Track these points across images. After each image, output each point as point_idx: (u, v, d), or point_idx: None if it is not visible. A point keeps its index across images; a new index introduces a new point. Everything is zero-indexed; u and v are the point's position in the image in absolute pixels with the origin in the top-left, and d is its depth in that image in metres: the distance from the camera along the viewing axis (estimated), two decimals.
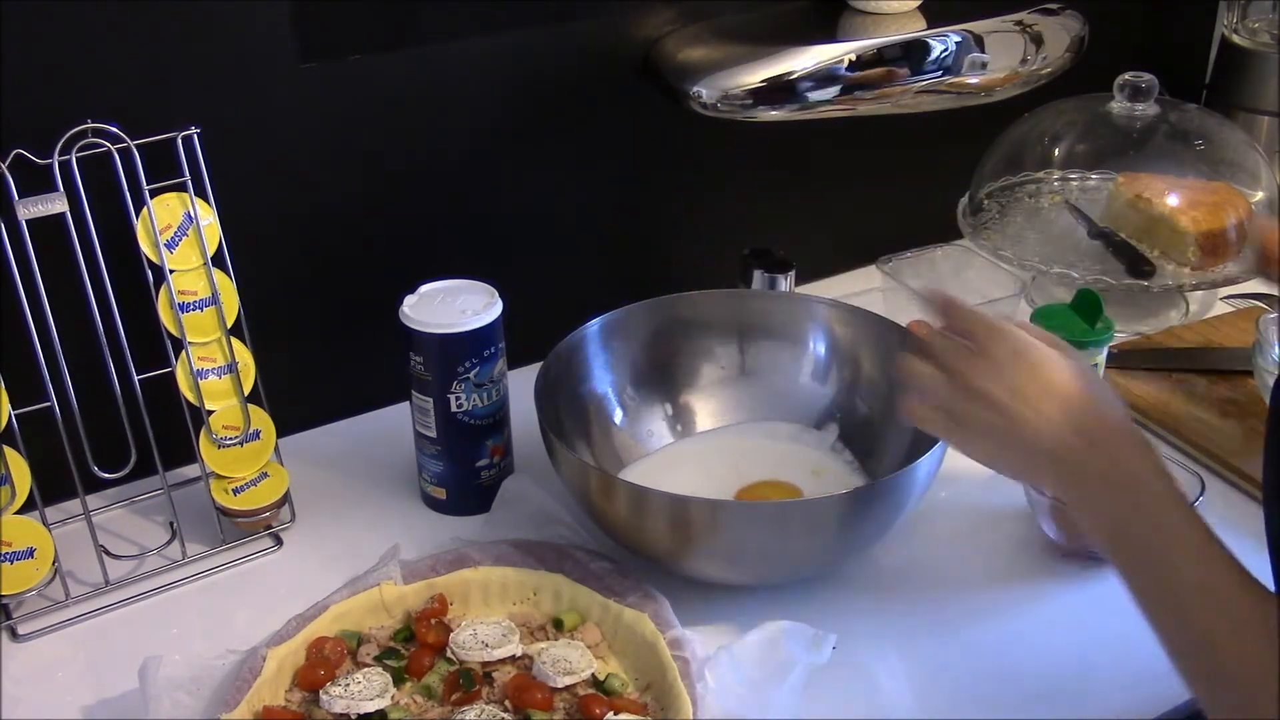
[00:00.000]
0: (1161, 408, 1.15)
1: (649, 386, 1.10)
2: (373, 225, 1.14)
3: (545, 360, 1.01)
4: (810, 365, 1.11)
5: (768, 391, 1.11)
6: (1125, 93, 1.33)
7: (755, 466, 1.05)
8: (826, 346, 1.11)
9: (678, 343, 1.11)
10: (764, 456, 1.07)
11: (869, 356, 1.08)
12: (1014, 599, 0.95)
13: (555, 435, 0.94)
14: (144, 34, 0.97)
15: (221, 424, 1.00)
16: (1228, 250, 1.26)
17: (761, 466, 1.05)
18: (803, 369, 1.11)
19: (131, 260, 0.94)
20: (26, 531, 0.93)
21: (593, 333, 1.07)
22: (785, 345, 1.11)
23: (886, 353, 1.04)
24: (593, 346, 1.07)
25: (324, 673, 0.84)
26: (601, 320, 1.07)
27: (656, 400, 1.10)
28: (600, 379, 1.08)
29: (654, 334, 1.10)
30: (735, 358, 1.12)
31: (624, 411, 1.09)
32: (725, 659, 0.83)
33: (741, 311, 1.12)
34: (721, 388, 1.12)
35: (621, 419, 1.08)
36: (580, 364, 1.07)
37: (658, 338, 1.10)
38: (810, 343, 1.11)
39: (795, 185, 1.36)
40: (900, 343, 1.02)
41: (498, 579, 0.92)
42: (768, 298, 1.16)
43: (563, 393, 1.03)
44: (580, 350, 1.06)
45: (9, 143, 0.88)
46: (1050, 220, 1.35)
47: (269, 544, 1.03)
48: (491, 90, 1.15)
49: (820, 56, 1.15)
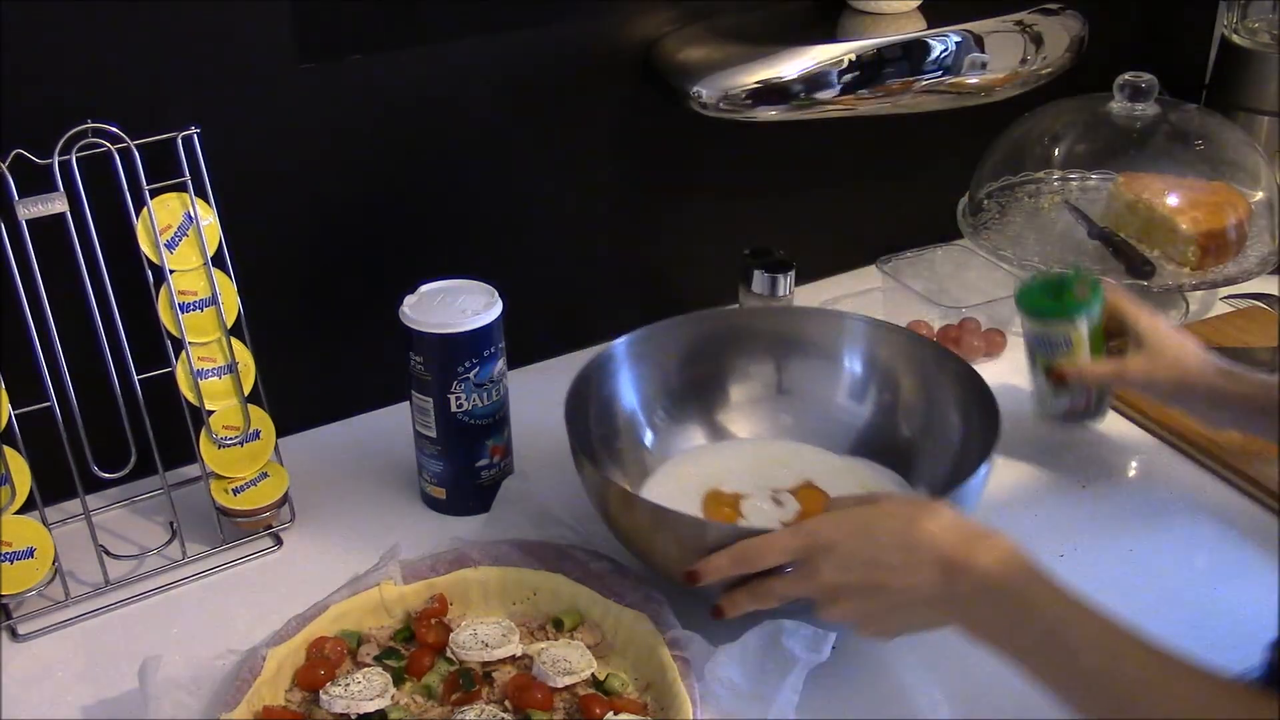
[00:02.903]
0: (1162, 408, 1.15)
1: (681, 403, 1.08)
2: (373, 225, 1.14)
3: (576, 377, 0.99)
4: (848, 385, 1.08)
5: (806, 410, 1.08)
6: (1125, 93, 1.33)
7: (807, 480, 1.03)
8: (865, 365, 1.08)
9: (711, 360, 1.09)
10: (808, 471, 1.04)
11: (908, 375, 1.06)
12: None
13: (585, 455, 0.92)
14: (144, 34, 0.97)
15: (221, 424, 1.00)
16: (1228, 250, 1.26)
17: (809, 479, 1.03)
18: (841, 388, 1.08)
19: (131, 260, 0.94)
20: (26, 531, 0.93)
21: (620, 350, 1.05)
22: (823, 364, 1.09)
23: (926, 373, 1.04)
24: (623, 363, 1.05)
25: (324, 673, 0.84)
26: (630, 337, 1.05)
27: (689, 417, 1.08)
28: (629, 396, 1.06)
29: (689, 350, 1.08)
30: (772, 376, 1.09)
31: (654, 432, 1.07)
32: (725, 659, 0.83)
33: (780, 326, 1.10)
34: (757, 405, 1.09)
35: (652, 439, 1.06)
36: (609, 380, 1.04)
37: (692, 354, 1.08)
38: (847, 361, 1.08)
39: (795, 185, 1.36)
40: (938, 363, 1.03)
41: (497, 579, 0.92)
42: (806, 315, 1.14)
43: (592, 408, 1.01)
44: (610, 366, 1.04)
45: (9, 143, 0.88)
46: (1050, 220, 1.35)
47: (269, 544, 1.03)
48: (491, 90, 1.15)
49: (820, 56, 1.15)
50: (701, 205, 1.31)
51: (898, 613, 0.78)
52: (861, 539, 0.78)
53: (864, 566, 0.77)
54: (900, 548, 0.76)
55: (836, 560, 0.78)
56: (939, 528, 0.76)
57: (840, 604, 0.79)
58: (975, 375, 0.99)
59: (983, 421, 0.95)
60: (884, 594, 0.77)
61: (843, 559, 0.78)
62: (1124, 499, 1.07)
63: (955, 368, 1.02)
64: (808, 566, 0.79)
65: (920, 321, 1.26)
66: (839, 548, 0.78)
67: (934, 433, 1.03)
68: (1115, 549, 1.01)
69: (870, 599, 0.78)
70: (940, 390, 1.03)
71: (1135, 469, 1.12)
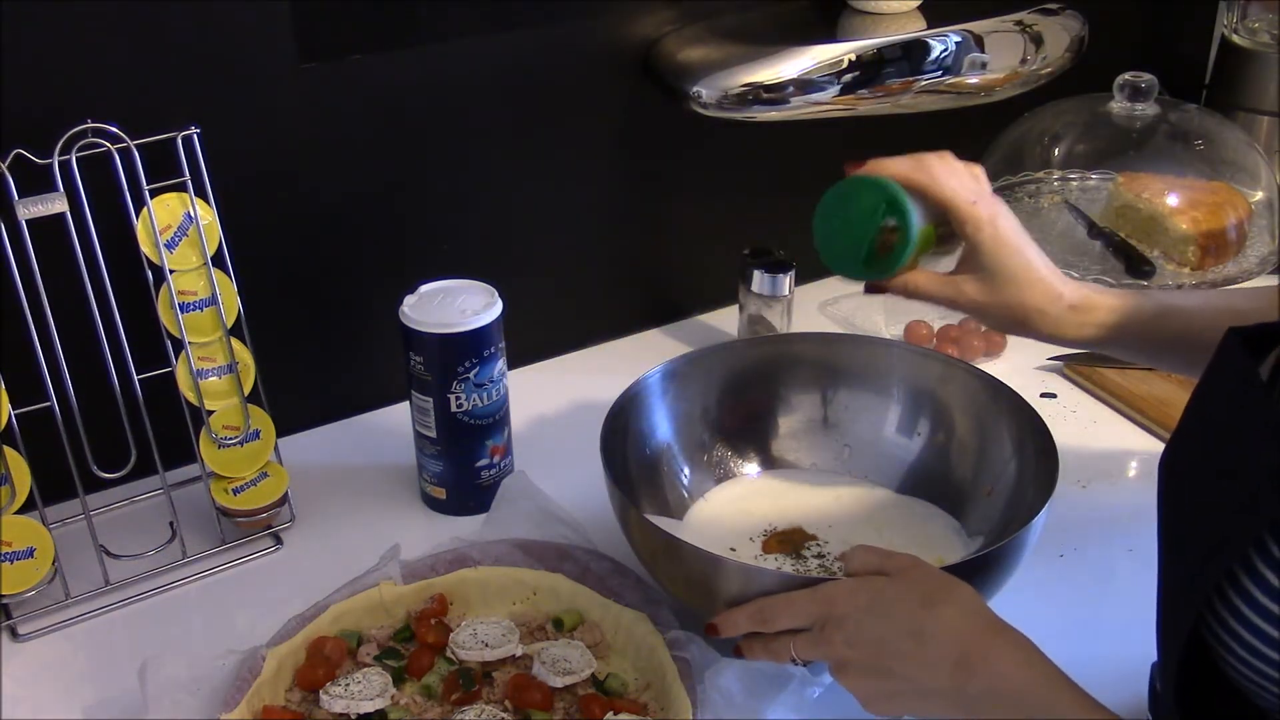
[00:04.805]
0: (1162, 408, 1.15)
1: (721, 436, 1.04)
2: (373, 225, 1.14)
3: (613, 405, 0.95)
4: (897, 418, 1.03)
5: (853, 444, 1.04)
6: (1125, 93, 1.33)
7: (845, 520, 0.99)
8: (916, 398, 1.02)
9: (754, 389, 1.05)
10: (854, 509, 1.01)
11: (961, 409, 1.00)
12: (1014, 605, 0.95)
13: (622, 489, 0.88)
14: (144, 34, 0.97)
15: (221, 424, 1.00)
16: (1227, 250, 1.26)
17: (851, 519, 0.99)
18: (889, 421, 1.03)
19: (131, 260, 0.94)
20: (26, 531, 0.93)
21: (654, 381, 1.00)
22: (872, 396, 1.03)
23: (980, 406, 0.98)
24: (656, 394, 1.00)
25: (324, 673, 0.84)
26: (665, 366, 1.00)
27: (730, 449, 1.04)
28: (663, 427, 1.01)
29: (728, 380, 1.04)
30: (818, 409, 1.05)
31: (690, 465, 1.02)
32: (725, 668, 0.83)
33: (829, 357, 1.05)
34: (801, 438, 1.05)
35: (690, 473, 1.02)
36: (646, 411, 1.00)
37: (732, 383, 1.04)
38: (896, 392, 1.03)
39: (795, 185, 1.35)
40: (991, 399, 0.96)
41: (497, 579, 0.92)
42: (856, 343, 1.08)
43: (629, 440, 0.97)
44: (646, 396, 0.99)
45: (9, 143, 0.88)
46: (1050, 220, 1.35)
47: (269, 544, 1.03)
48: (491, 90, 1.15)
49: (820, 56, 1.15)
50: (701, 205, 1.31)
51: (903, 698, 0.75)
52: (874, 616, 0.74)
53: (872, 646, 0.74)
54: (911, 634, 0.73)
55: (846, 634, 0.75)
56: (954, 616, 0.73)
57: (850, 676, 0.76)
58: (1032, 411, 0.93)
59: (1038, 464, 0.90)
60: (891, 678, 0.74)
61: (852, 634, 0.75)
62: (1124, 499, 1.07)
63: (1010, 402, 0.96)
64: (821, 634, 0.76)
65: (920, 321, 1.26)
66: (849, 621, 0.75)
67: (987, 473, 0.97)
68: (1115, 549, 1.01)
69: (878, 679, 0.75)
70: (995, 428, 0.97)
71: (1135, 469, 1.12)
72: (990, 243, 0.86)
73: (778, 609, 0.78)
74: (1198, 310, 0.89)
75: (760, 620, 0.79)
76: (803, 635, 0.78)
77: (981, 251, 0.87)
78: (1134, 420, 1.16)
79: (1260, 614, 0.59)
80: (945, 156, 0.89)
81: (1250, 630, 0.59)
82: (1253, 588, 0.59)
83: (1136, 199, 1.29)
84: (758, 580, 0.81)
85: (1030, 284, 0.87)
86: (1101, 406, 1.19)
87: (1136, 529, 1.02)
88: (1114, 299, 0.89)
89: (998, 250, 0.86)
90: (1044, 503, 0.85)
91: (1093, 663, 0.83)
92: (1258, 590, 0.58)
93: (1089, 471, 1.10)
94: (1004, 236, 0.86)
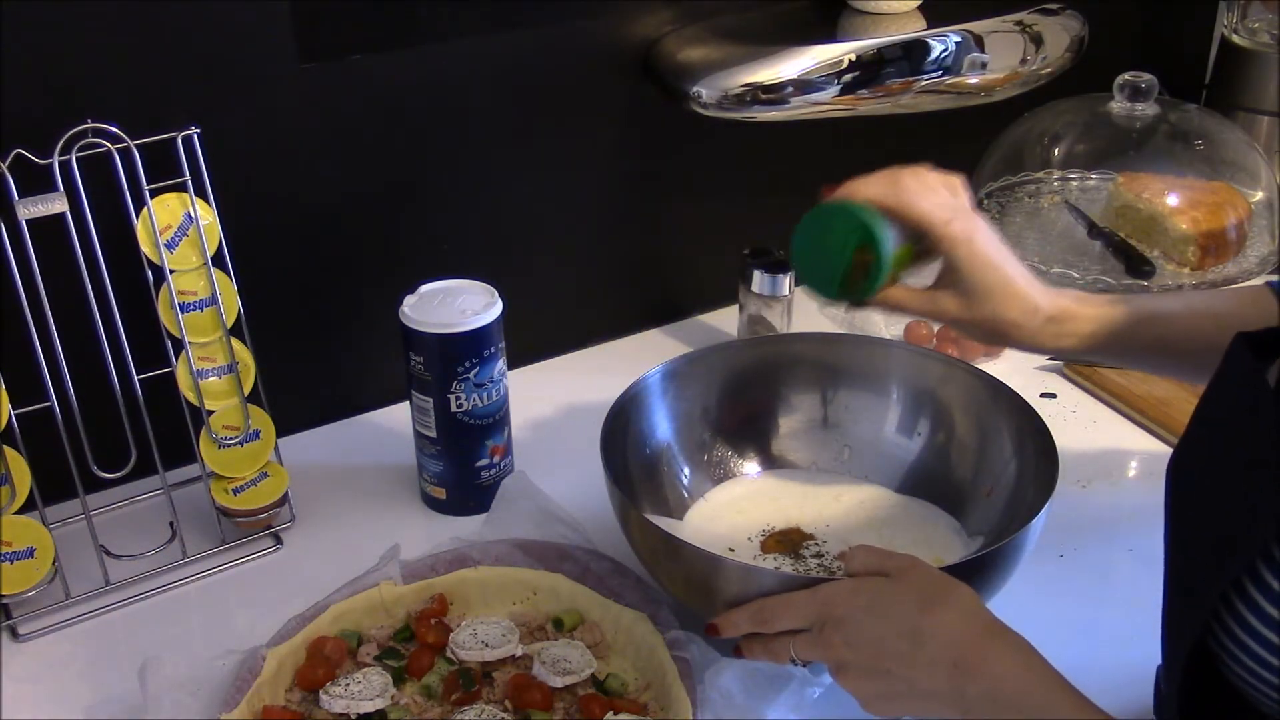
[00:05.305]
0: (1162, 408, 1.15)
1: (721, 435, 1.03)
2: (373, 225, 1.14)
3: (613, 405, 0.95)
4: (897, 418, 1.03)
5: (853, 444, 1.04)
6: (1125, 93, 1.33)
7: (843, 520, 0.99)
8: (916, 398, 1.02)
9: (754, 389, 1.04)
10: (854, 508, 1.00)
11: (962, 409, 1.00)
12: (1013, 606, 0.95)
13: (621, 489, 0.88)
14: (144, 34, 0.97)
15: (221, 424, 1.00)
16: (1227, 250, 1.26)
17: (853, 519, 0.99)
18: (889, 421, 1.03)
19: (131, 260, 0.94)
20: (26, 531, 0.93)
21: (654, 381, 0.99)
22: (872, 396, 1.03)
23: (980, 406, 0.98)
24: (656, 394, 1.00)
25: (324, 673, 0.84)
26: (665, 366, 1.00)
27: (731, 449, 1.04)
28: (663, 427, 1.01)
29: (728, 379, 1.03)
30: (818, 409, 1.04)
31: (690, 465, 1.02)
32: (725, 668, 0.83)
33: (828, 357, 1.05)
34: (801, 438, 1.05)
35: (689, 473, 1.02)
36: (646, 411, 0.99)
37: (732, 383, 1.04)
38: (896, 393, 1.03)
39: (795, 185, 1.35)
40: (991, 399, 0.97)
41: (497, 579, 0.92)
42: (856, 343, 1.08)
43: (629, 440, 0.97)
44: (646, 396, 0.99)
45: (9, 143, 0.88)
46: (1050, 220, 1.35)
47: (269, 544, 1.03)
48: (491, 90, 1.15)
49: (820, 56, 1.15)
50: (701, 205, 1.31)
51: (902, 700, 0.75)
52: (872, 617, 0.75)
53: (871, 647, 0.74)
54: (909, 635, 0.73)
55: (845, 635, 0.75)
56: (953, 618, 0.73)
57: (850, 677, 0.76)
58: (1032, 411, 0.94)
59: (1039, 464, 0.90)
60: (890, 679, 0.74)
61: (851, 635, 0.75)
62: (1124, 499, 1.07)
63: (1010, 402, 0.96)
64: (821, 635, 0.77)
65: (920, 321, 1.26)
66: (848, 622, 0.75)
67: (987, 473, 0.97)
68: (1115, 549, 1.01)
69: (877, 680, 0.75)
70: (995, 428, 0.97)
71: (1135, 469, 1.12)
72: (966, 260, 0.86)
73: (777, 609, 0.78)
74: (1177, 315, 0.90)
75: (760, 620, 0.79)
76: (802, 636, 0.78)
77: (958, 268, 0.87)
78: (1134, 420, 1.16)
79: (1265, 621, 0.59)
80: (920, 173, 0.89)
81: (1254, 637, 0.59)
82: (1258, 594, 0.59)
83: (1136, 199, 1.29)
84: (757, 580, 0.81)
85: (1006, 298, 0.87)
86: (1101, 406, 1.19)
87: (1137, 529, 1.02)
88: (1092, 309, 0.89)
89: (974, 267, 0.86)
90: (1044, 503, 0.85)
91: (1092, 663, 0.83)
92: (1263, 597, 0.58)
93: (1089, 472, 1.10)
94: (980, 253, 0.86)
